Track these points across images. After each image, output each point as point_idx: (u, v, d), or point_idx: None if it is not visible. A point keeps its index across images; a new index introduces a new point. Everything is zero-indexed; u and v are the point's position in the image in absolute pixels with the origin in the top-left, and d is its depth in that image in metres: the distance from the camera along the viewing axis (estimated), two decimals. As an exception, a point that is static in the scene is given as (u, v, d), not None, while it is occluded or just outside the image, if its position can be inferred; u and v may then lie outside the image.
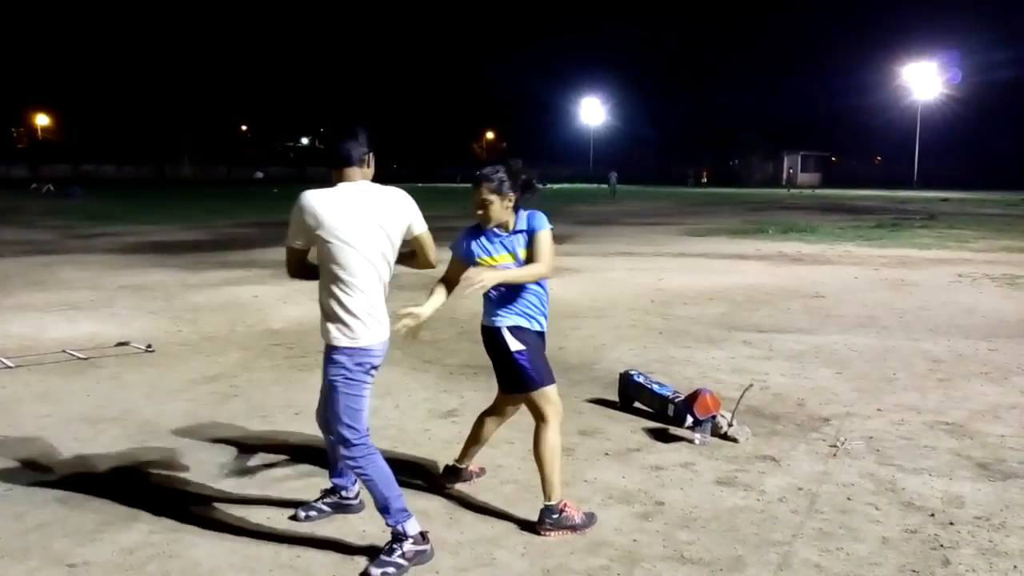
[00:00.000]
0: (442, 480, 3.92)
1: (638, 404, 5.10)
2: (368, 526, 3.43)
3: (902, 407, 5.15)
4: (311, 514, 3.53)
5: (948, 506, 3.66)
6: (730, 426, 4.55)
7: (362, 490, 3.56)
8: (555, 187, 57.32)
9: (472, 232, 3.49)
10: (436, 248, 3.39)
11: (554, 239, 3.47)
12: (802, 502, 3.71)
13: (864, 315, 8.37)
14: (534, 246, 3.40)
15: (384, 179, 3.20)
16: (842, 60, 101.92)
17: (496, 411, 3.78)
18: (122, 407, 5.19)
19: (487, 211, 3.38)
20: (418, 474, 4.03)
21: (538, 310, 3.49)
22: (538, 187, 3.51)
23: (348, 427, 3.11)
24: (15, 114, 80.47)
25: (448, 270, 3.51)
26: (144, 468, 4.16)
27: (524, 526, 3.44)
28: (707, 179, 70.18)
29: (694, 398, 4.61)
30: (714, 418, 4.56)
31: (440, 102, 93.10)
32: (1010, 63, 65.22)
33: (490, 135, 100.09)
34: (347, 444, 3.12)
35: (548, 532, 3.35)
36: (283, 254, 3.26)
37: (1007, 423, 4.84)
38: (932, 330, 7.58)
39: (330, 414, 3.19)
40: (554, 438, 3.43)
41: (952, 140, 68.30)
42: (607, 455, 4.33)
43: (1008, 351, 6.72)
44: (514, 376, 3.46)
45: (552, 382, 3.48)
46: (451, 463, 3.94)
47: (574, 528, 3.37)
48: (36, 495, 3.79)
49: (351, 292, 3.06)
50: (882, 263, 12.95)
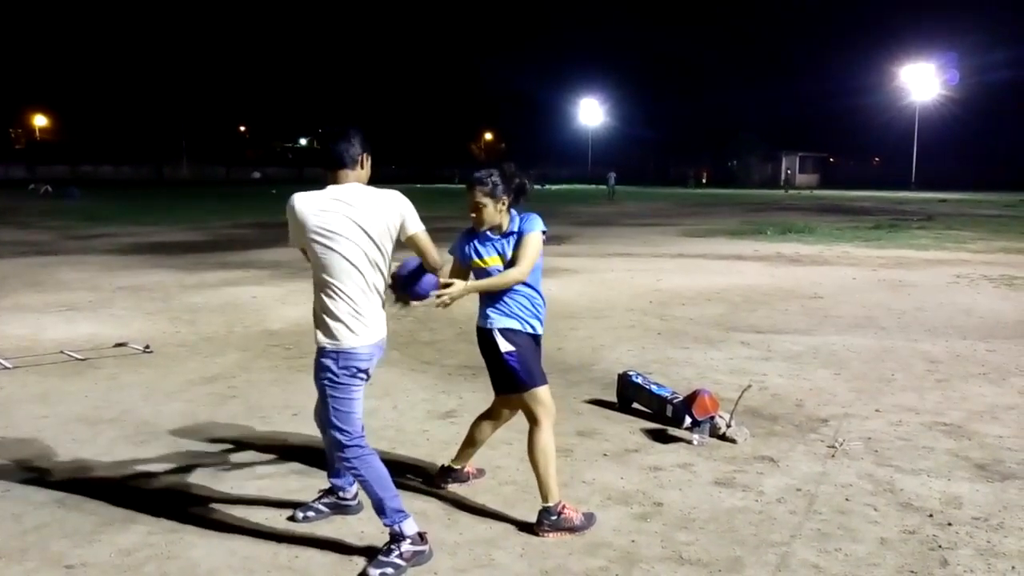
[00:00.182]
0: (437, 480, 3.92)
1: (636, 405, 5.10)
2: (366, 527, 3.43)
3: (900, 408, 5.16)
4: (309, 514, 3.53)
5: (946, 507, 3.66)
6: (728, 427, 4.55)
7: (360, 491, 3.56)
8: (553, 188, 57.35)
9: (468, 234, 3.52)
10: (438, 249, 3.37)
11: (552, 240, 3.49)
12: (800, 503, 3.71)
13: (862, 316, 8.38)
14: (518, 248, 3.42)
15: (382, 180, 3.19)
16: (840, 61, 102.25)
17: (493, 414, 3.78)
18: (120, 408, 5.19)
19: (480, 214, 3.41)
20: (416, 475, 4.03)
21: (531, 312, 3.49)
22: (534, 188, 3.53)
23: (339, 430, 3.13)
24: (13, 115, 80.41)
25: (450, 273, 3.53)
26: (142, 469, 4.15)
27: (522, 527, 3.44)
28: (706, 180, 70.26)
29: (692, 399, 4.61)
30: (712, 419, 4.57)
31: (439, 103, 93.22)
32: (1008, 64, 65.37)
33: (488, 136, 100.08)
34: (340, 446, 3.14)
35: (546, 533, 3.35)
36: (281, 255, 3.26)
37: (1005, 424, 4.84)
38: (930, 331, 7.59)
39: (322, 417, 3.22)
40: (546, 440, 3.43)
41: (950, 141, 68.32)
42: (605, 456, 4.33)
43: (1006, 352, 6.73)
44: (505, 377, 3.48)
45: (544, 384, 3.48)
46: (446, 463, 3.94)
47: (572, 529, 3.37)
48: (34, 496, 3.78)
49: (334, 295, 3.07)
50: (880, 264, 12.96)
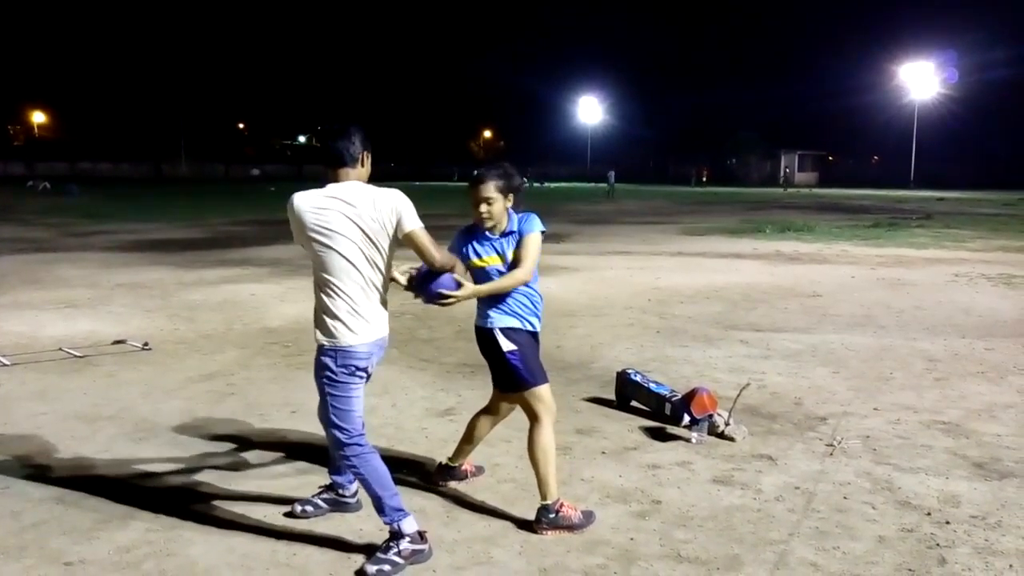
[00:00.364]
0: (436, 478, 3.92)
1: (635, 403, 5.11)
2: (365, 524, 3.43)
3: (899, 406, 5.16)
4: (307, 509, 3.53)
5: (944, 505, 3.67)
6: (727, 425, 4.55)
7: (360, 490, 3.56)
8: (553, 186, 57.26)
9: (465, 234, 3.51)
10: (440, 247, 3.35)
11: (551, 238, 3.49)
12: (799, 501, 3.71)
13: (861, 314, 8.39)
14: (520, 249, 3.41)
15: (381, 178, 3.19)
16: (839, 60, 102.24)
17: (491, 410, 3.78)
18: (119, 405, 5.18)
19: (491, 208, 3.36)
20: (415, 472, 4.03)
21: (530, 310, 3.50)
22: (535, 185, 3.53)
23: (339, 428, 3.13)
24: (12, 111, 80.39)
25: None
26: (141, 466, 4.15)
27: (521, 525, 3.44)
28: (707, 178, 70.31)
29: (691, 397, 4.61)
30: (711, 417, 4.57)
31: (437, 100, 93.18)
32: (1006, 63, 65.39)
33: (487, 134, 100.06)
34: (339, 444, 3.15)
35: (545, 531, 3.36)
36: (280, 252, 3.27)
37: (1003, 422, 4.85)
38: (929, 329, 7.60)
39: (322, 415, 3.22)
40: (547, 438, 3.43)
41: (949, 140, 68.32)
42: (604, 454, 4.33)
43: (1004, 350, 6.73)
44: (507, 376, 3.48)
45: (545, 382, 3.49)
46: (444, 461, 3.95)
47: (571, 527, 3.37)
48: (33, 493, 3.78)
49: (332, 293, 3.07)
50: (879, 262, 12.97)
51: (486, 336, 3.48)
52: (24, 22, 79.91)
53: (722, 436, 4.52)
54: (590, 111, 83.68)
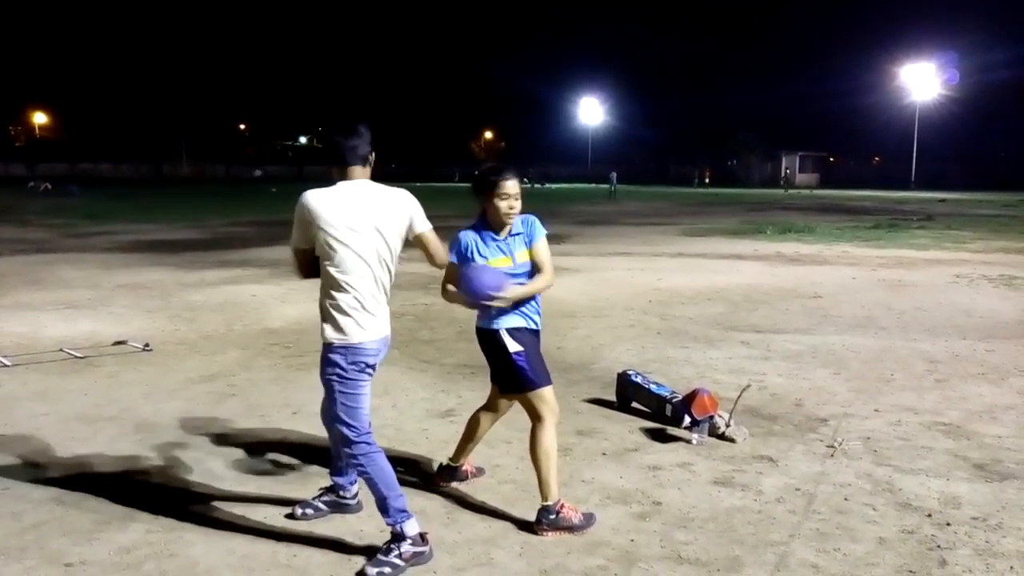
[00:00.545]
0: (437, 479, 3.92)
1: (636, 404, 5.11)
2: (366, 526, 3.43)
3: (899, 407, 5.16)
4: (308, 512, 3.52)
5: (945, 507, 3.66)
6: (728, 426, 4.55)
7: (361, 491, 3.57)
8: (554, 186, 57.26)
9: (469, 234, 3.49)
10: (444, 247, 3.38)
11: (552, 239, 3.51)
12: (799, 502, 3.71)
13: (862, 315, 8.38)
14: (536, 255, 3.46)
15: (382, 178, 3.20)
16: (840, 60, 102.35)
17: (491, 407, 3.78)
18: (120, 406, 5.19)
19: (518, 205, 3.42)
20: (416, 473, 4.03)
21: (533, 308, 3.52)
22: (536, 186, 3.56)
23: (347, 425, 3.12)
24: (13, 112, 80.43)
25: (447, 274, 3.49)
26: (141, 467, 4.15)
27: (522, 526, 3.44)
28: (709, 179, 70.33)
29: (692, 398, 4.61)
30: (712, 418, 4.57)
31: (439, 101, 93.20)
32: (1007, 64, 65.44)
33: (488, 134, 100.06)
34: (347, 442, 3.13)
35: (545, 532, 3.36)
36: (281, 254, 3.27)
37: (1004, 424, 4.85)
38: (929, 331, 7.59)
39: (330, 413, 3.20)
40: (549, 439, 3.43)
41: (950, 141, 68.34)
42: (604, 455, 4.33)
43: (1005, 352, 6.73)
44: (512, 377, 3.47)
45: (549, 383, 3.49)
46: (446, 462, 3.94)
47: (571, 528, 3.37)
48: (33, 494, 3.78)
49: (344, 290, 3.07)
50: (880, 263, 12.97)
51: (491, 338, 3.47)
52: (25, 23, 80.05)
53: (723, 437, 4.52)
54: (591, 112, 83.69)
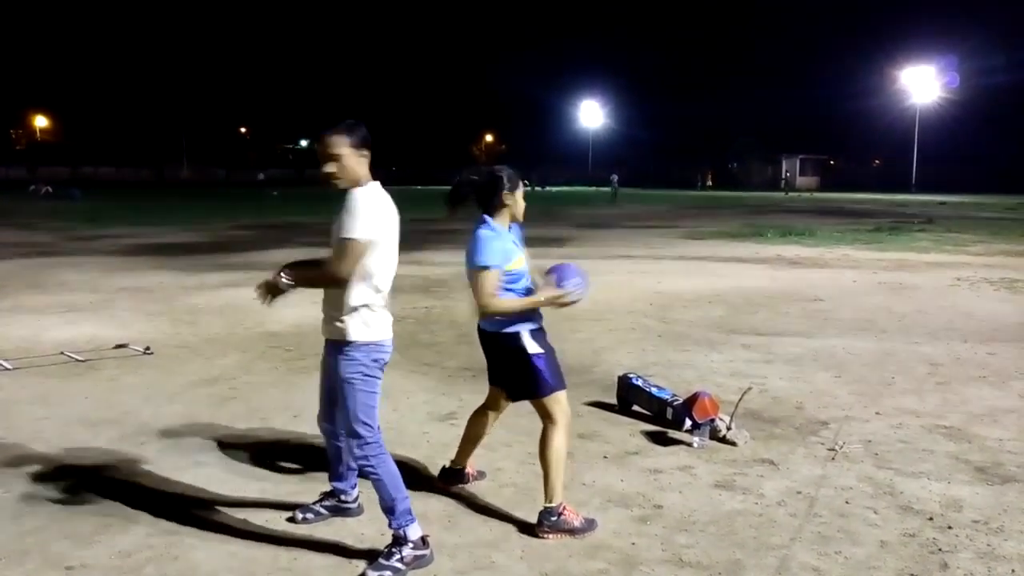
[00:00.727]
0: (440, 482, 3.92)
1: (636, 407, 5.10)
2: (366, 529, 3.43)
3: (900, 411, 5.16)
4: (308, 516, 3.52)
5: (946, 510, 3.66)
6: (729, 429, 4.55)
7: (361, 494, 3.56)
8: (555, 190, 57.27)
9: (499, 234, 3.37)
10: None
11: (553, 242, 3.54)
12: (800, 506, 3.71)
13: (862, 318, 8.38)
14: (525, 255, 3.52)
15: (383, 181, 3.21)
16: (841, 64, 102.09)
17: (490, 407, 3.78)
18: (121, 409, 5.18)
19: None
20: (416, 476, 4.03)
21: (538, 310, 3.54)
22: (537, 189, 3.58)
23: (363, 424, 3.11)
24: (14, 116, 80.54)
25: (493, 282, 3.30)
26: (142, 471, 4.15)
27: (523, 529, 3.44)
28: (712, 182, 70.36)
29: (693, 401, 4.61)
30: (712, 421, 4.56)
31: (439, 104, 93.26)
32: (1008, 67, 65.33)
33: (489, 138, 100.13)
34: (362, 442, 3.10)
35: (546, 534, 3.35)
36: (282, 257, 3.26)
37: (1005, 427, 4.84)
38: (930, 334, 7.59)
39: (344, 413, 3.14)
40: (561, 441, 3.44)
41: (950, 144, 68.25)
42: (605, 458, 4.33)
43: (1006, 355, 6.72)
44: (528, 380, 3.44)
45: (564, 386, 3.51)
46: (448, 465, 3.94)
47: (572, 531, 3.37)
48: (34, 498, 3.78)
49: (378, 288, 3.13)
50: (880, 266, 12.96)
51: (508, 341, 3.42)
52: (26, 27, 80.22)
53: (724, 441, 4.52)
54: (592, 115, 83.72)
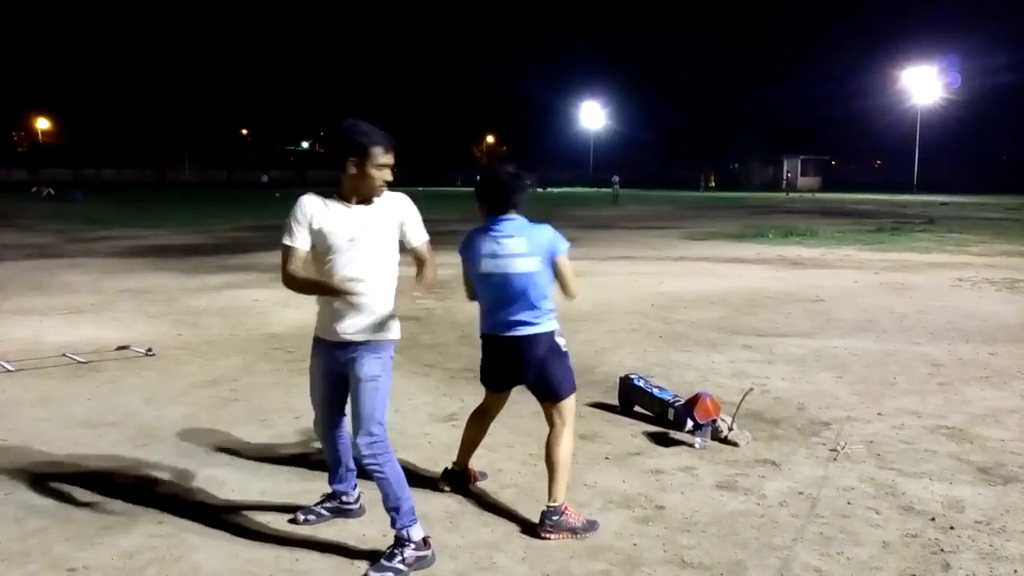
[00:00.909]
0: (442, 484, 3.92)
1: (638, 408, 5.10)
2: (368, 530, 3.43)
3: (902, 411, 5.15)
4: (310, 518, 3.52)
5: (948, 510, 3.66)
6: (730, 430, 4.55)
7: (362, 495, 3.57)
8: (556, 191, 57.25)
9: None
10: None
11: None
12: (802, 506, 3.70)
13: (864, 319, 8.37)
14: None
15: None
16: (842, 64, 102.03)
17: (489, 406, 3.80)
18: (122, 411, 5.19)
19: None
20: (418, 478, 4.02)
21: None
22: (538, 190, 3.61)
23: (380, 423, 3.13)
24: (16, 118, 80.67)
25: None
26: (144, 472, 4.15)
27: (524, 530, 3.44)
28: (714, 183, 70.36)
29: (694, 402, 4.61)
30: (714, 422, 4.56)
31: (440, 105, 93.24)
32: (1009, 68, 65.22)
33: (490, 138, 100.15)
34: (373, 440, 3.09)
35: (548, 534, 3.35)
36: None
37: (1007, 427, 4.84)
38: (932, 334, 7.58)
39: (363, 412, 3.11)
40: (570, 441, 3.49)
41: (952, 144, 68.24)
42: (607, 459, 4.33)
43: (1008, 355, 6.72)
44: (557, 381, 3.47)
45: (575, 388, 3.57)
46: (450, 466, 3.94)
47: (574, 531, 3.37)
48: (36, 499, 3.79)
49: (394, 291, 3.22)
50: (882, 267, 12.95)
51: (541, 343, 3.46)
52: (28, 28, 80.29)
53: (725, 441, 4.52)
54: (593, 116, 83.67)
